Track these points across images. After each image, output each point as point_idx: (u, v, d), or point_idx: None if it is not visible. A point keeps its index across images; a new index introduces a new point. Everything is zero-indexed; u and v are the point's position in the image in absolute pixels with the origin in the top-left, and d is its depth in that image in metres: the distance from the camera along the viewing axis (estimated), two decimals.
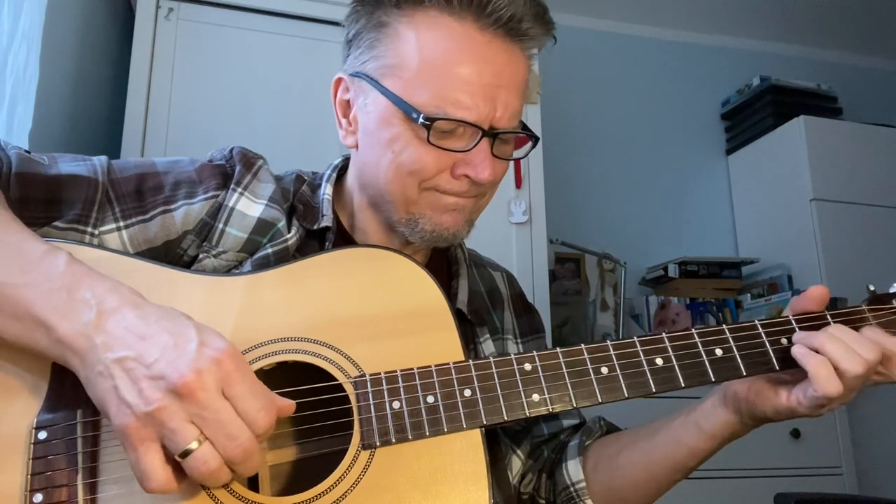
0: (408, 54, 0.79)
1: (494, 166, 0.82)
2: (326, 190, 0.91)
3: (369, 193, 0.88)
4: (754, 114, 3.22)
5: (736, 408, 0.81)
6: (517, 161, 2.09)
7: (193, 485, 0.61)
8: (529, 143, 0.87)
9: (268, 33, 2.10)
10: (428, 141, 0.78)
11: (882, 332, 0.76)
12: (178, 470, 0.58)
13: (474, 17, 0.79)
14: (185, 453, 0.56)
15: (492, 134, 0.80)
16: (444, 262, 1.00)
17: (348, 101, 0.87)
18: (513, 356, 0.73)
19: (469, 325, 0.94)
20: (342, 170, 0.95)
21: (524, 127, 0.86)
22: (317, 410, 0.69)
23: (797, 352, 0.74)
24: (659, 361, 0.74)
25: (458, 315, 0.76)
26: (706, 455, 0.84)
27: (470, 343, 0.93)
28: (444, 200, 0.83)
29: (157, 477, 0.56)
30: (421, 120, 0.77)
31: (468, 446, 0.68)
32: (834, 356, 0.71)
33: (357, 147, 0.88)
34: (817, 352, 0.73)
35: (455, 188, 0.82)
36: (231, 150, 0.89)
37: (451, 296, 0.92)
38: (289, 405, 0.62)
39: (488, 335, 0.96)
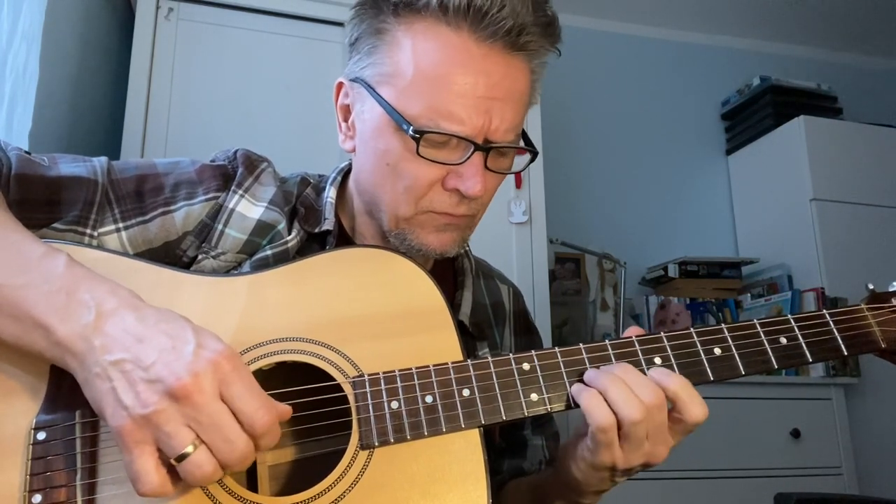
0: (403, 63, 0.78)
1: (486, 181, 0.80)
2: (330, 193, 0.91)
3: (364, 200, 0.88)
4: (754, 114, 3.22)
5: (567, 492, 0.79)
6: None
7: (190, 486, 0.60)
8: (528, 155, 0.85)
9: (268, 33, 2.11)
10: (418, 153, 0.77)
11: (667, 372, 0.71)
12: (175, 472, 0.58)
13: (471, 27, 0.76)
14: (181, 457, 0.56)
15: (485, 148, 0.78)
16: (450, 271, 0.99)
17: (348, 106, 0.87)
18: (511, 356, 0.73)
19: (470, 339, 0.93)
20: (347, 173, 0.95)
21: (524, 139, 0.84)
22: (315, 410, 0.69)
23: (574, 389, 0.71)
24: (658, 360, 0.74)
25: (460, 327, 0.75)
26: None
27: (469, 356, 0.92)
28: (436, 221, 0.82)
29: (150, 480, 0.56)
30: (410, 132, 0.76)
31: (467, 446, 0.68)
32: (615, 400, 0.68)
33: (355, 152, 0.88)
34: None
35: (447, 202, 0.81)
36: (235, 152, 0.88)
37: (454, 307, 0.91)
38: (285, 410, 0.62)
39: (487, 350, 0.95)
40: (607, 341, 0.75)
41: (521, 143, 0.84)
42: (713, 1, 3.24)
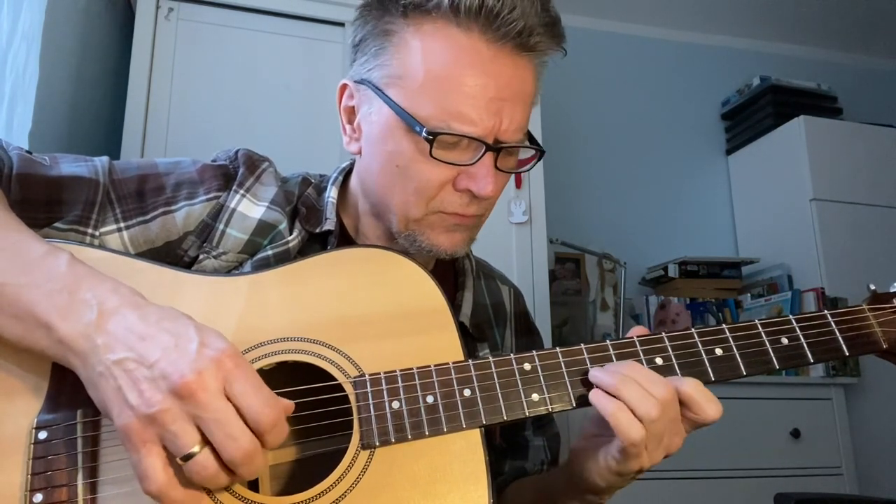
0: (413, 65, 0.78)
1: (497, 180, 0.80)
2: (331, 193, 0.91)
3: (371, 202, 0.88)
4: (754, 114, 3.22)
5: (579, 492, 0.79)
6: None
7: (195, 485, 0.60)
8: (534, 154, 0.85)
9: (268, 33, 2.11)
10: (430, 155, 0.77)
11: (679, 378, 0.72)
12: (182, 471, 0.58)
13: (482, 29, 0.77)
14: (187, 457, 0.56)
15: (496, 148, 0.79)
16: (450, 272, 0.99)
17: (353, 108, 0.86)
18: (512, 356, 0.73)
19: (470, 340, 0.93)
20: (348, 173, 0.94)
21: (530, 139, 0.84)
22: (316, 410, 0.69)
23: (594, 398, 0.70)
24: (658, 361, 0.74)
25: (461, 328, 0.75)
26: None
27: (470, 357, 0.92)
28: (446, 221, 0.82)
29: (158, 479, 0.56)
30: (424, 134, 0.76)
31: (468, 446, 0.68)
32: (630, 401, 0.68)
33: (361, 154, 0.87)
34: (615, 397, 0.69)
35: (458, 203, 0.81)
36: (236, 152, 0.88)
37: (454, 308, 0.91)
38: (287, 405, 0.62)
39: (488, 351, 0.95)
40: (608, 341, 0.75)
41: (527, 143, 0.84)
42: (713, 1, 3.24)
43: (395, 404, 0.68)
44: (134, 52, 1.97)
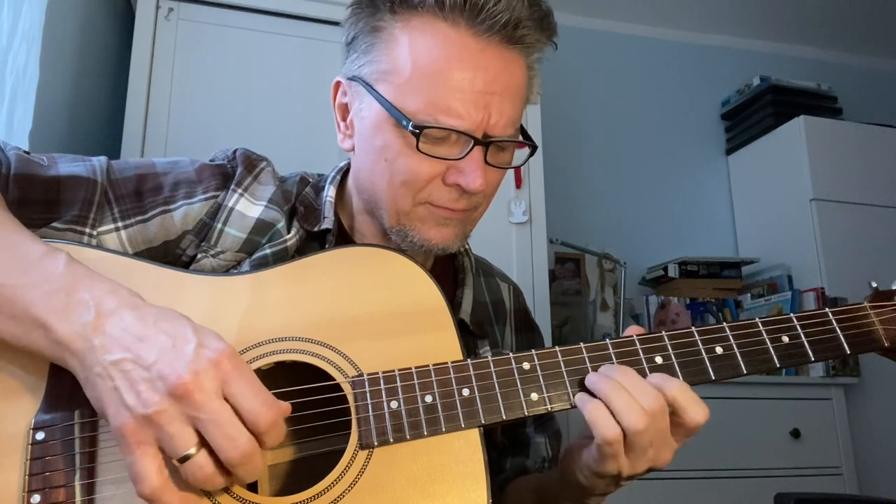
0: (401, 60, 0.78)
1: (487, 175, 0.80)
2: (329, 192, 0.91)
3: (364, 198, 0.88)
4: (754, 114, 3.22)
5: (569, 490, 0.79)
6: None
7: (191, 488, 0.60)
8: (528, 151, 0.85)
9: (268, 33, 2.10)
10: (417, 149, 0.77)
11: (665, 377, 0.71)
12: (178, 473, 0.58)
13: (468, 22, 0.77)
14: (184, 458, 0.56)
15: (485, 142, 0.78)
16: (450, 269, 0.99)
17: (346, 105, 0.87)
18: (511, 355, 0.73)
19: (470, 336, 0.93)
20: (346, 172, 0.95)
21: (522, 134, 0.84)
22: (315, 410, 0.69)
23: (578, 399, 0.70)
24: (658, 360, 0.74)
25: (460, 325, 0.75)
26: None
27: (470, 354, 0.92)
28: (435, 214, 0.82)
29: (152, 481, 0.56)
30: (410, 127, 0.76)
31: (467, 446, 0.68)
32: (617, 410, 0.67)
33: (354, 150, 0.88)
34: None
35: (447, 197, 0.81)
36: (234, 152, 0.89)
37: (454, 305, 0.91)
38: (285, 407, 0.62)
39: (488, 347, 0.95)
40: (608, 340, 0.74)
41: (520, 138, 0.84)
42: (713, 1, 3.24)
43: (394, 404, 0.68)
44: (134, 52, 1.96)
